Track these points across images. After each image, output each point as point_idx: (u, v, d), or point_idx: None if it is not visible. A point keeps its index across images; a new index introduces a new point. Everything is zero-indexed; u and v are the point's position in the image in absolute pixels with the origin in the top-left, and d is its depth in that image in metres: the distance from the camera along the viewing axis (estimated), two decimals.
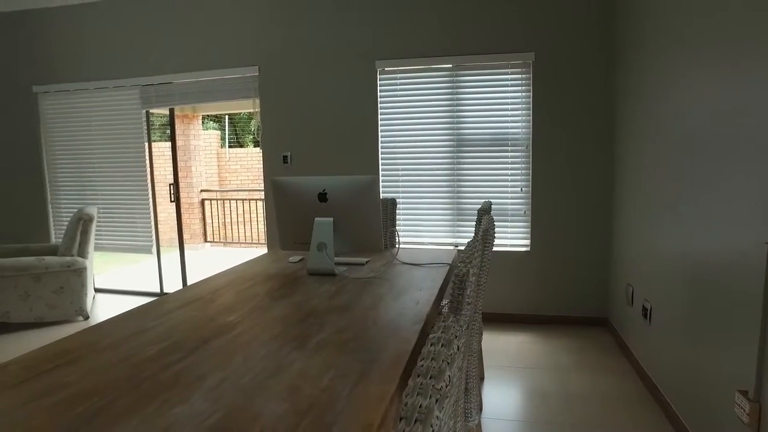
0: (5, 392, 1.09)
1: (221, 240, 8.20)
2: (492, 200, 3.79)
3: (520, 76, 3.68)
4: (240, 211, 8.00)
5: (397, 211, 3.44)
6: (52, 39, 4.83)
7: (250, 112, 11.04)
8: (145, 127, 4.62)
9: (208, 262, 7.19)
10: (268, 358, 1.22)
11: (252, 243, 7.99)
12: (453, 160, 3.84)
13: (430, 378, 0.50)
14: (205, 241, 8.11)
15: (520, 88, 3.69)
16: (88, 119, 4.81)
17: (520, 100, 3.70)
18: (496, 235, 2.89)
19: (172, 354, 1.27)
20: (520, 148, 3.73)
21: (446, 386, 0.50)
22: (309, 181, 2.09)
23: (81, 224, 4.12)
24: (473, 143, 3.79)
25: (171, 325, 1.49)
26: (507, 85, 3.71)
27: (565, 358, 3.17)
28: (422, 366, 0.55)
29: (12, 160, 5.22)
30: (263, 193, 4.41)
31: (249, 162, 8.98)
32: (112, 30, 4.60)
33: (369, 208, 2.06)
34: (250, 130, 11.78)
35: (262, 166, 4.34)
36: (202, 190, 8.17)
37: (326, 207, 2.08)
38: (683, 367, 2.24)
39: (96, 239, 4.84)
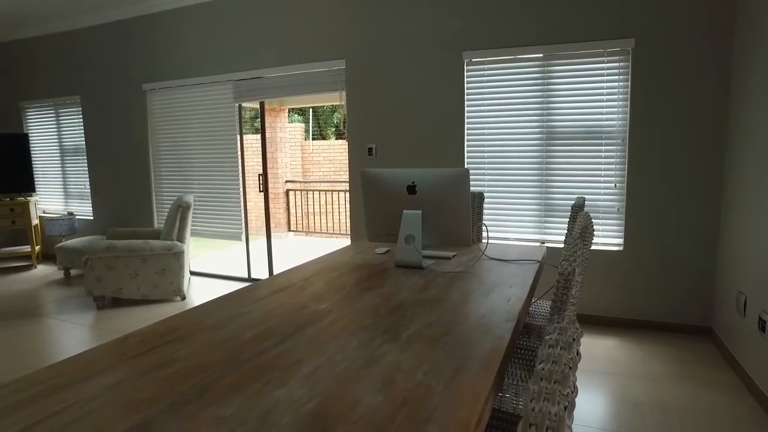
0: (127, 362, 1.18)
1: (303, 230, 8.49)
2: (579, 195, 3.60)
3: (617, 64, 3.45)
4: (322, 202, 8.22)
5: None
6: (159, 41, 5.21)
7: (333, 105, 11.30)
8: (238, 120, 4.86)
9: (291, 250, 7.47)
10: (360, 349, 1.23)
11: (332, 233, 8.20)
12: (542, 154, 3.69)
13: (555, 383, 0.47)
14: (289, 230, 8.43)
15: (617, 77, 3.46)
16: (187, 113, 5.15)
17: (616, 90, 3.47)
18: None
19: (268, 339, 1.32)
20: (615, 141, 3.51)
21: (572, 393, 0.47)
22: (398, 173, 2.08)
23: (180, 211, 4.42)
24: (564, 136, 3.62)
25: (265, 311, 1.55)
26: (603, 75, 3.49)
27: (661, 368, 2.95)
28: (543, 369, 0.52)
29: (125, 153, 5.72)
30: (347, 184, 4.49)
31: (331, 154, 9.20)
32: (209, 30, 4.87)
33: (458, 202, 2.02)
34: (333, 123, 12.06)
35: (344, 157, 4.42)
36: (286, 181, 8.49)
37: (415, 199, 2.07)
38: None
39: (191, 225, 5.18)
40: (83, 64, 5.86)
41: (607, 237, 3.61)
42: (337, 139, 11.45)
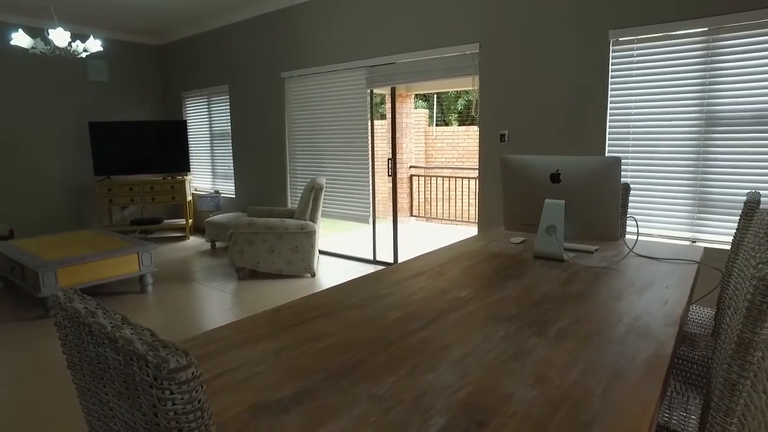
0: (283, 332, 1.27)
1: (424, 215, 8.55)
2: (751, 190, 3.15)
3: None
4: (444, 188, 8.20)
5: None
6: (298, 31, 5.52)
7: (457, 91, 11.16)
8: (369, 106, 4.99)
9: (414, 235, 7.57)
10: (508, 339, 1.20)
11: (453, 220, 8.15)
12: (698, 143, 3.29)
13: None
14: (411, 215, 8.55)
15: None
16: (321, 99, 5.41)
17: None
18: None
19: (412, 322, 1.33)
20: None
21: None
22: (541, 160, 1.99)
23: (313, 193, 4.68)
24: (729, 122, 3.18)
25: (406, 294, 1.57)
26: None
27: None
28: None
29: (265, 137, 6.19)
30: (471, 171, 4.41)
31: (454, 140, 9.11)
32: (343, 17, 5.04)
33: (607, 193, 1.88)
34: (456, 109, 11.92)
35: (466, 143, 4.34)
36: (410, 167, 8.59)
37: (558, 188, 1.96)
38: None
39: (322, 207, 5.47)
40: (232, 56, 6.42)
41: None
42: (460, 125, 11.31)
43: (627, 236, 2.86)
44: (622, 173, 3.51)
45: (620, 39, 3.49)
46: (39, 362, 3.10)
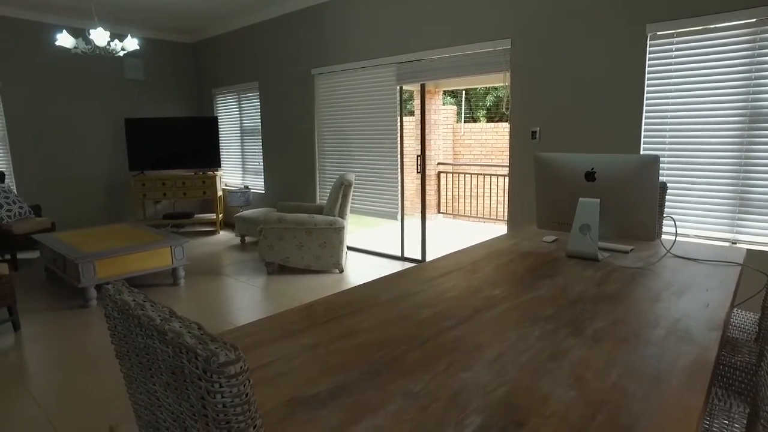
0: (316, 328, 1.28)
1: (451, 212, 8.50)
2: None
3: None
4: (471, 185, 8.14)
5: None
6: (327, 27, 5.54)
7: (486, 87, 11.04)
8: (398, 103, 4.98)
9: (442, 232, 7.53)
10: (543, 339, 1.18)
11: (481, 218, 8.09)
12: (741, 140, 3.17)
13: None
14: (438, 212, 8.51)
15: None
16: (350, 95, 5.42)
17: None
18: None
19: (445, 320, 1.33)
20: None
21: None
22: (576, 157, 1.95)
23: (342, 189, 4.70)
24: None
25: (438, 291, 1.57)
26: None
27: None
28: None
29: (294, 133, 6.25)
30: (500, 168, 4.36)
31: (482, 137, 9.03)
32: (373, 14, 5.04)
33: (644, 192, 1.83)
34: (485, 105, 11.80)
35: (495, 140, 4.29)
36: (438, 163, 8.55)
37: (593, 187, 1.92)
38: None
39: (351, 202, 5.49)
40: (262, 53, 6.50)
41: None
42: (488, 121, 11.19)
43: (663, 236, 2.78)
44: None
45: (658, 33, 3.39)
46: (81, 349, 3.21)
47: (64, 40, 4.71)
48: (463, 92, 10.90)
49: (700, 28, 3.24)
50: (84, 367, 2.99)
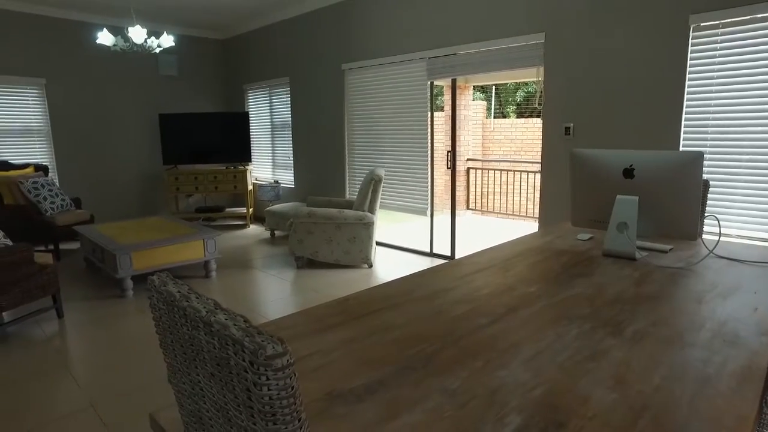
0: (353, 322, 1.29)
1: (480, 208, 8.42)
2: None
3: None
4: (501, 182, 8.04)
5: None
6: (358, 22, 5.54)
7: (516, 83, 10.87)
8: (429, 98, 4.95)
9: (471, 228, 7.47)
10: (582, 339, 1.16)
11: (510, 214, 7.98)
12: None
13: None
14: (467, 208, 8.44)
15: None
16: (380, 90, 5.41)
17: None
18: None
19: (481, 317, 1.32)
20: None
21: None
22: (613, 154, 1.90)
23: (372, 184, 4.71)
24: None
25: (472, 288, 1.56)
26: None
27: None
28: None
29: (324, 128, 6.28)
30: (529, 164, 4.29)
31: (512, 133, 8.90)
32: (403, 8, 5.01)
33: (686, 190, 1.77)
34: (515, 101, 11.63)
35: (525, 137, 4.22)
36: (468, 159, 8.47)
37: (631, 184, 1.87)
38: None
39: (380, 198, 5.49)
40: (292, 48, 6.55)
41: None
42: (518, 117, 11.03)
43: (704, 236, 2.69)
44: None
45: (702, 24, 3.27)
46: (120, 338, 3.32)
47: (105, 38, 4.84)
48: (493, 87, 10.75)
49: (747, 17, 3.11)
50: (123, 355, 3.08)
